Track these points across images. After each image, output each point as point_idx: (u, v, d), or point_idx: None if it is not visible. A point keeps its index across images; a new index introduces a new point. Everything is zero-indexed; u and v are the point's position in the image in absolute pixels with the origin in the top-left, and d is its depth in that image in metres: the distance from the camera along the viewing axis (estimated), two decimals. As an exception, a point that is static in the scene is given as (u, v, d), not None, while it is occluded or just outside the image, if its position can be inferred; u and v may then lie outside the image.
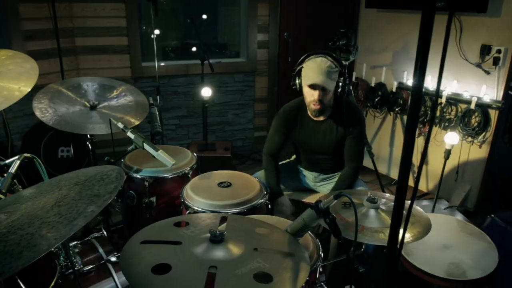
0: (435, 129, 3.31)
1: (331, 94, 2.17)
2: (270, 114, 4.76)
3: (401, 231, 0.89)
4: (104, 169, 1.12)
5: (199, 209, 1.82)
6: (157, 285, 0.98)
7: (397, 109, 3.56)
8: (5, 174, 1.55)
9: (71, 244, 1.76)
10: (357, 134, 2.26)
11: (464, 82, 3.08)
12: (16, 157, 1.49)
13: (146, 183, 2.11)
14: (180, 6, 5.69)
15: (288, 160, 2.67)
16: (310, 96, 2.17)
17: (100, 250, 1.73)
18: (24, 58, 1.99)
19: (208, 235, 1.19)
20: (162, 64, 4.23)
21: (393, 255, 0.92)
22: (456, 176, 3.23)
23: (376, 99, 3.69)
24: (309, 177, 2.53)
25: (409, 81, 3.49)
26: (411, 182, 3.52)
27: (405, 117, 3.59)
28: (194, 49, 5.21)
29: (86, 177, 1.06)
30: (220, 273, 1.03)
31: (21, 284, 1.28)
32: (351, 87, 3.35)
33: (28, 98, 2.08)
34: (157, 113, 2.56)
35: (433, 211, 2.86)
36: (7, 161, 1.52)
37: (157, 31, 4.53)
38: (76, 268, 1.60)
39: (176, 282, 1.00)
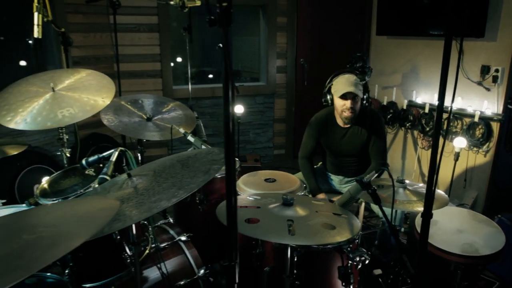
0: (442, 141, 3.67)
1: (359, 103, 2.55)
2: (288, 134, 5.15)
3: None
4: (204, 151, 1.48)
5: (251, 199, 2.17)
6: (253, 230, 1.32)
7: (408, 125, 3.93)
8: (100, 165, 1.94)
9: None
10: (380, 133, 2.62)
11: (468, 99, 3.46)
12: (113, 150, 1.85)
13: (200, 181, 2.45)
14: (198, 37, 6.18)
15: (316, 166, 3.01)
16: (343, 106, 2.53)
17: (171, 231, 2.07)
18: (101, 75, 2.37)
19: (277, 204, 1.54)
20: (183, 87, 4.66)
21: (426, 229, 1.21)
22: (464, 184, 3.57)
23: (388, 116, 4.07)
24: (335, 180, 2.88)
25: (418, 99, 3.88)
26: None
27: (415, 132, 3.96)
28: (210, 76, 5.68)
29: (194, 153, 1.42)
30: (296, 224, 1.37)
31: (127, 249, 1.62)
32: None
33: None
34: (201, 125, 2.94)
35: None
36: (104, 154, 1.88)
37: (179, 59, 5.01)
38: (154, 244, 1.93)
39: (266, 228, 1.34)
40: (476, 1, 3.20)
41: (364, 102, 2.56)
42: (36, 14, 2.01)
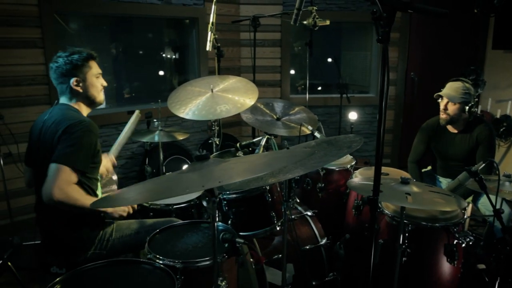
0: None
1: (456, 108, 2.77)
2: (395, 144, 5.36)
3: None
4: (341, 136, 1.92)
5: (367, 187, 2.54)
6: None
7: (522, 138, 3.96)
8: (250, 149, 2.47)
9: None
10: (488, 142, 2.80)
11: None
12: (261, 137, 2.38)
13: (321, 173, 2.89)
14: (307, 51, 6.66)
15: (425, 169, 3.27)
16: (440, 107, 2.85)
17: (299, 208, 2.53)
18: (246, 81, 2.95)
19: (395, 182, 1.91)
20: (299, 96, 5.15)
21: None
22: None
23: (501, 130, 4.11)
24: (444, 182, 3.11)
25: (534, 113, 3.89)
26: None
27: (530, 146, 3.96)
28: (319, 88, 6.14)
29: (334, 138, 1.87)
30: (413, 196, 1.74)
31: (274, 215, 2.10)
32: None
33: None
34: (321, 126, 3.38)
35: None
36: (254, 140, 2.42)
37: (292, 71, 5.54)
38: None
39: (389, 196, 1.73)
40: None
41: (470, 109, 2.77)
42: (209, 33, 2.65)
